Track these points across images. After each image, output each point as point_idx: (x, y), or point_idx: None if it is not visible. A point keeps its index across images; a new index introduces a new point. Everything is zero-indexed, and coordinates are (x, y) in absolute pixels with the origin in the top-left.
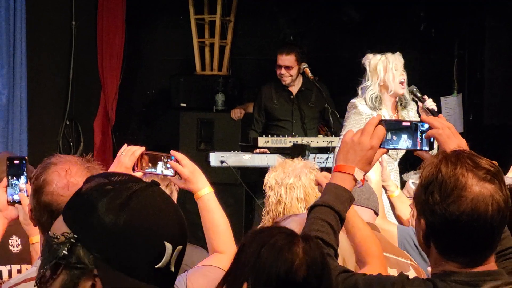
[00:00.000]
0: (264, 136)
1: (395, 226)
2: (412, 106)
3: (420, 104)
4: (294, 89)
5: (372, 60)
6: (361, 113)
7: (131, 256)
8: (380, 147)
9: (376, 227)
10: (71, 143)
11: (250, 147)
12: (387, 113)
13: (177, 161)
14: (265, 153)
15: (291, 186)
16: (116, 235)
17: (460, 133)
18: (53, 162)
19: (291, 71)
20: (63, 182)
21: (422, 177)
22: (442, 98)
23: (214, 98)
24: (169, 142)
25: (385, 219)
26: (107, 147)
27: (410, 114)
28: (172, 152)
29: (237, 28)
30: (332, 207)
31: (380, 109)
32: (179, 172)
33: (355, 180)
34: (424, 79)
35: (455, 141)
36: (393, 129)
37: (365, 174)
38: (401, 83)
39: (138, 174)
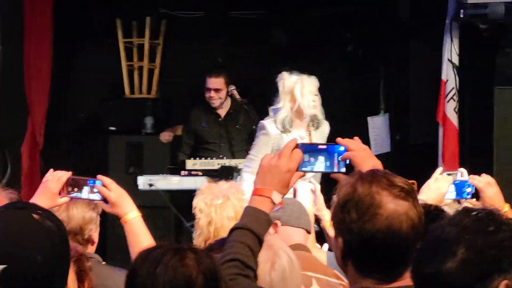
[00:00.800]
0: (192, 158)
1: (324, 253)
2: (325, 126)
3: None
4: (222, 112)
5: (287, 82)
6: (270, 135)
7: None
8: (297, 170)
9: (307, 248)
10: None
11: (178, 169)
12: (298, 135)
13: (104, 186)
14: (194, 175)
15: (221, 206)
16: None
17: (387, 153)
18: None
19: (220, 93)
20: None
21: (339, 196)
22: (369, 118)
23: (143, 121)
24: (98, 166)
25: (314, 247)
26: (35, 172)
27: (324, 134)
28: (99, 176)
29: (166, 51)
30: (251, 230)
31: (290, 131)
32: (106, 196)
33: (273, 203)
34: (352, 99)
35: (370, 163)
36: (310, 152)
37: (283, 196)
38: (314, 106)
39: (64, 199)
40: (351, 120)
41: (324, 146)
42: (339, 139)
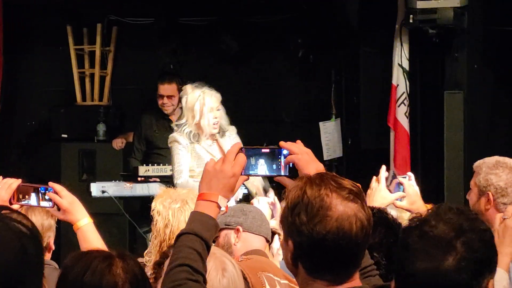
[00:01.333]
0: (144, 164)
1: (278, 262)
2: (231, 130)
3: None
4: (174, 118)
5: (189, 97)
6: (183, 144)
7: None
8: (242, 174)
9: (265, 254)
10: None
11: (131, 176)
12: (206, 144)
13: (56, 193)
14: (146, 181)
15: (179, 210)
16: None
17: (340, 157)
18: None
19: (173, 100)
20: None
21: (288, 199)
22: (321, 123)
23: (95, 128)
24: (51, 174)
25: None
26: None
27: (231, 139)
28: (50, 183)
29: (117, 58)
30: (198, 235)
31: (198, 141)
32: (58, 203)
33: (219, 207)
34: (303, 105)
35: (314, 166)
36: (254, 155)
37: (228, 201)
38: (214, 124)
39: (15, 206)
40: (303, 126)
41: (268, 150)
42: (282, 143)
